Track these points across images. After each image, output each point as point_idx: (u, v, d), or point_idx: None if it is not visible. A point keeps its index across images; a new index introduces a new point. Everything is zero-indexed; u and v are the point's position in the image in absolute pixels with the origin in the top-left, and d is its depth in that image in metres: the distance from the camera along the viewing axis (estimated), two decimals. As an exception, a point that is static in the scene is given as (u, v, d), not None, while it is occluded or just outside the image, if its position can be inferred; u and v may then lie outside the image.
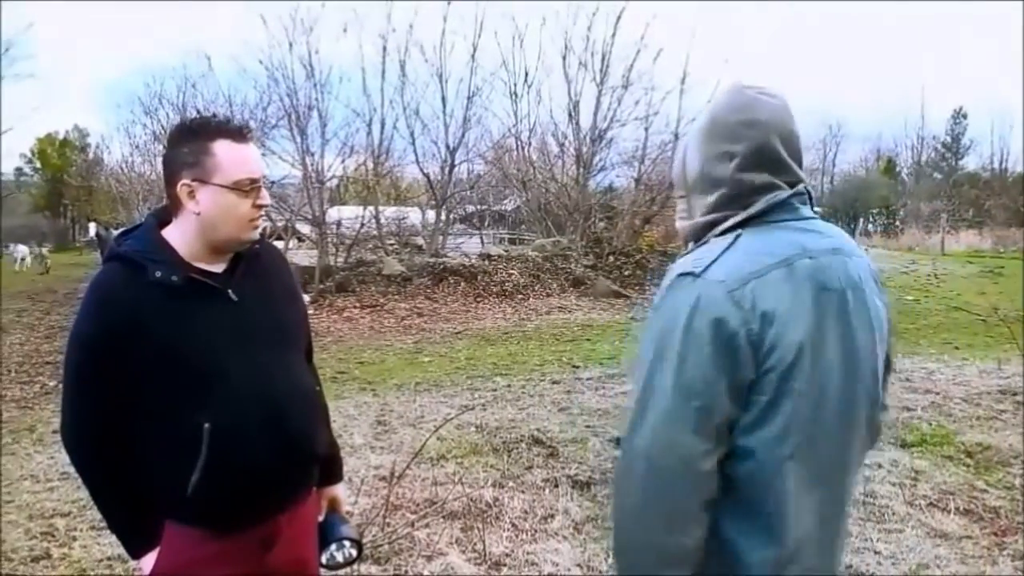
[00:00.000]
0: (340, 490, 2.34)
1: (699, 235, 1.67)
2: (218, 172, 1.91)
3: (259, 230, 2.05)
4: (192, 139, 1.92)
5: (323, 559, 2.25)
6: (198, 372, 1.92)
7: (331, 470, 2.31)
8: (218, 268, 2.01)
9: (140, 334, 1.88)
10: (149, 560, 1.98)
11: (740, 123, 1.61)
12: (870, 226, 47.07)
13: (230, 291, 1.99)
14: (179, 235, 1.97)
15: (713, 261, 1.53)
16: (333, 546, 2.25)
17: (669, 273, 1.60)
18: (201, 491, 1.92)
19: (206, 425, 1.90)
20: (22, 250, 32.66)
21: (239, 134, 1.96)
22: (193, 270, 1.95)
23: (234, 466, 1.94)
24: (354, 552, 2.29)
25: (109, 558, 4.10)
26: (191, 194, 1.92)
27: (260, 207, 2.00)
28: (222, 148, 1.92)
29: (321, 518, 2.28)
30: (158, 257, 1.92)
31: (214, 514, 1.97)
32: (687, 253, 1.64)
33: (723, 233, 1.61)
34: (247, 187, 1.95)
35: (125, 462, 1.95)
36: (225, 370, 1.95)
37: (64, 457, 5.77)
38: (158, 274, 1.89)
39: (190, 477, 1.91)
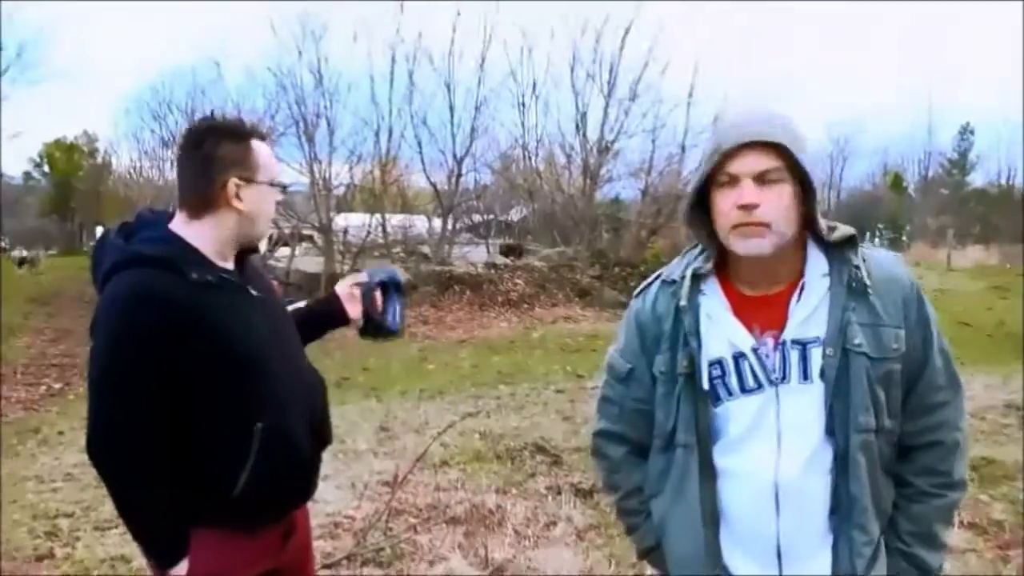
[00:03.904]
0: None
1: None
2: (261, 170, 1.98)
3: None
4: (233, 139, 1.96)
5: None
6: (252, 369, 1.92)
7: None
8: (230, 267, 2.00)
9: (198, 332, 1.84)
10: (182, 568, 1.90)
11: None
12: (877, 240, 46.99)
13: (249, 288, 2.00)
14: (204, 233, 1.95)
15: None
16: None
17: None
18: (248, 490, 1.89)
19: (259, 425, 1.89)
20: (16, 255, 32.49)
21: (263, 135, 2.05)
22: (219, 269, 1.94)
23: (281, 463, 1.94)
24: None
25: (112, 558, 4.11)
26: (238, 192, 1.94)
27: (279, 204, 2.08)
28: (259, 148, 1.99)
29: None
30: (189, 257, 1.90)
31: (256, 512, 1.95)
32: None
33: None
34: (279, 185, 2.04)
35: (163, 468, 1.86)
36: (271, 366, 1.95)
37: (69, 458, 5.84)
38: (195, 275, 1.87)
39: (237, 477, 1.88)
